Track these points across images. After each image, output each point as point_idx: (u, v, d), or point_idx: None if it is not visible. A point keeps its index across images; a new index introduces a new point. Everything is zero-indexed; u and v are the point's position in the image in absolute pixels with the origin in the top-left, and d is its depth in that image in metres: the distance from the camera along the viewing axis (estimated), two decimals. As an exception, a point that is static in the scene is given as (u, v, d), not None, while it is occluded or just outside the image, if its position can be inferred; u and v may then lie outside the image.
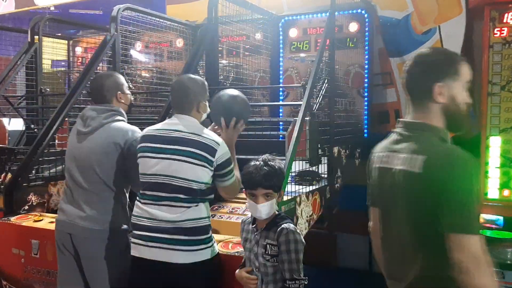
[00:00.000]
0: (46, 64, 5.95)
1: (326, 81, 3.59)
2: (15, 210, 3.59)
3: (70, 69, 6.22)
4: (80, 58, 6.33)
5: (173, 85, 2.59)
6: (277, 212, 2.28)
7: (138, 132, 2.73)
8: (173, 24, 5.11)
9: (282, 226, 2.18)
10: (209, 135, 2.44)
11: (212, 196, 2.53)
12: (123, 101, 2.84)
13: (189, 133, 2.41)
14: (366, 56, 4.62)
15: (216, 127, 2.72)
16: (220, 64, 4.98)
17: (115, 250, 2.65)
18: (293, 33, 4.96)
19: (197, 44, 3.85)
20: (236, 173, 2.55)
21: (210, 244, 2.42)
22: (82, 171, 2.70)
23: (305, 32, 4.91)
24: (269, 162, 2.24)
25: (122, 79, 2.88)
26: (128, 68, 5.40)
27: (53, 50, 6.06)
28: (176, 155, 2.37)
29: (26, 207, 3.70)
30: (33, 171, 3.86)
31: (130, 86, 5.36)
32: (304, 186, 3.23)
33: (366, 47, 4.62)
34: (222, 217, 3.41)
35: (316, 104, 3.45)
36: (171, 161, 2.37)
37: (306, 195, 3.13)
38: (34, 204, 3.76)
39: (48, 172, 3.91)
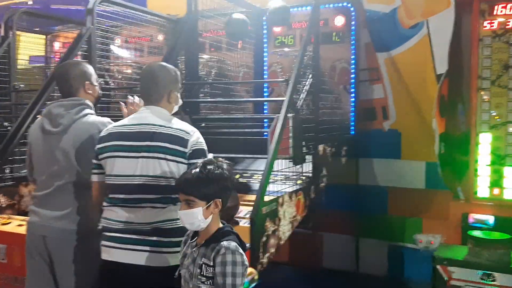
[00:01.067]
0: (23, 60, 5.75)
1: (310, 76, 3.44)
2: (-17, 213, 3.39)
3: (48, 64, 6.00)
4: (58, 54, 6.11)
5: (142, 73, 2.39)
6: (221, 225, 2.01)
7: (112, 123, 2.57)
8: (153, 18, 4.92)
9: (221, 243, 1.90)
10: (178, 125, 2.24)
11: None
12: (90, 92, 2.64)
13: (158, 125, 2.22)
14: (353, 51, 4.48)
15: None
16: (202, 59, 4.85)
17: (92, 252, 2.45)
18: (278, 28, 4.80)
19: (175, 38, 3.68)
20: None
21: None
22: (58, 172, 2.51)
23: (289, 26, 4.75)
24: (203, 166, 1.96)
25: (91, 69, 2.69)
26: (107, 64, 5.21)
27: (31, 46, 5.86)
28: (150, 153, 2.18)
29: (-5, 210, 3.51)
30: (6, 171, 3.67)
31: (109, 81, 5.18)
32: (287, 186, 3.08)
33: (352, 42, 4.48)
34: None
35: (300, 100, 3.30)
36: (146, 160, 2.18)
37: (289, 195, 2.98)
38: (3, 206, 3.56)
39: (19, 172, 3.71)
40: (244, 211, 2.90)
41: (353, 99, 4.49)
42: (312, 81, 3.44)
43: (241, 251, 1.92)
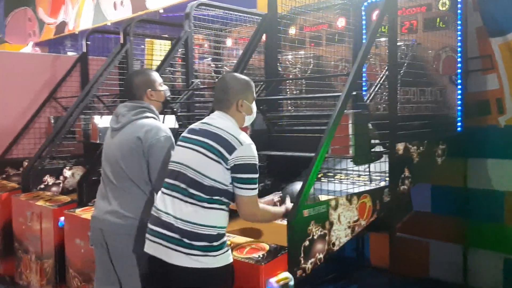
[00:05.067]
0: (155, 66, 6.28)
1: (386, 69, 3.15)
2: (85, 203, 3.82)
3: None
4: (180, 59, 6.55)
5: (216, 83, 2.57)
6: None
7: (164, 131, 2.70)
8: (256, 18, 4.98)
9: None
10: (236, 133, 2.31)
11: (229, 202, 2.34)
12: (154, 98, 2.82)
13: (215, 127, 2.34)
14: (459, 38, 3.97)
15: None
16: (301, 56, 4.78)
17: (143, 246, 2.63)
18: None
19: (253, 35, 3.69)
20: (266, 213, 2.41)
21: (215, 254, 2.23)
22: (111, 167, 2.74)
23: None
24: None
25: (154, 76, 2.85)
26: (215, 66, 5.44)
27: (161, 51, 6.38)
28: (194, 145, 2.32)
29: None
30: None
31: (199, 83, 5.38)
32: (347, 188, 2.87)
33: (459, 27, 3.98)
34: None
35: (371, 95, 3.05)
36: (189, 150, 2.33)
37: (347, 198, 2.77)
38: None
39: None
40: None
41: (460, 92, 3.98)
42: (387, 74, 3.15)
43: None
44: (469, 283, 4.17)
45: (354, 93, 2.88)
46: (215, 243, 2.22)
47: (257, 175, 2.29)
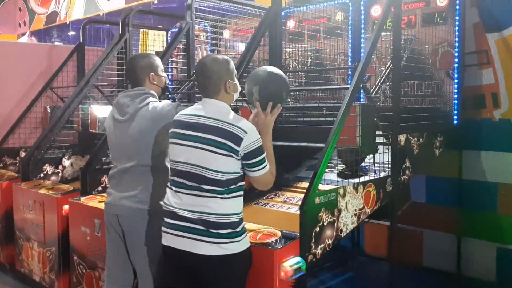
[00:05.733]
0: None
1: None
2: (88, 191, 3.85)
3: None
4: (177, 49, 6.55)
5: (196, 69, 2.48)
6: None
7: (173, 106, 2.73)
8: (254, 10, 5.02)
9: None
10: (236, 121, 2.30)
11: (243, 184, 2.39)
12: (155, 82, 2.84)
13: (213, 119, 2.30)
14: (457, 33, 4.08)
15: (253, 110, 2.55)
16: (300, 49, 4.86)
17: (159, 230, 2.68)
18: (376, 11, 4.59)
19: (257, 28, 3.74)
20: (271, 165, 2.39)
21: (239, 239, 2.29)
22: (128, 157, 2.76)
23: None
24: None
25: (157, 61, 2.88)
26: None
27: (158, 42, 6.38)
28: (200, 143, 2.29)
29: (100, 188, 3.95)
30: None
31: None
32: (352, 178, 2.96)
33: (457, 23, 4.08)
34: (273, 206, 3.32)
35: (376, 88, 3.13)
36: (195, 149, 2.30)
37: (354, 186, 2.86)
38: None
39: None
40: (296, 198, 2.87)
41: (456, 85, 4.10)
42: (391, 67, 3.24)
43: None
44: (463, 272, 4.30)
45: (361, 85, 2.95)
46: (238, 229, 2.28)
47: (265, 154, 2.33)
